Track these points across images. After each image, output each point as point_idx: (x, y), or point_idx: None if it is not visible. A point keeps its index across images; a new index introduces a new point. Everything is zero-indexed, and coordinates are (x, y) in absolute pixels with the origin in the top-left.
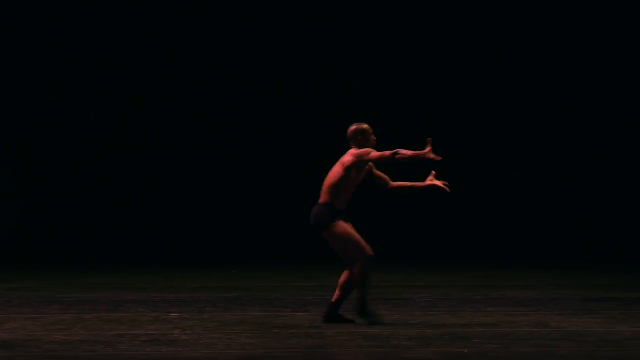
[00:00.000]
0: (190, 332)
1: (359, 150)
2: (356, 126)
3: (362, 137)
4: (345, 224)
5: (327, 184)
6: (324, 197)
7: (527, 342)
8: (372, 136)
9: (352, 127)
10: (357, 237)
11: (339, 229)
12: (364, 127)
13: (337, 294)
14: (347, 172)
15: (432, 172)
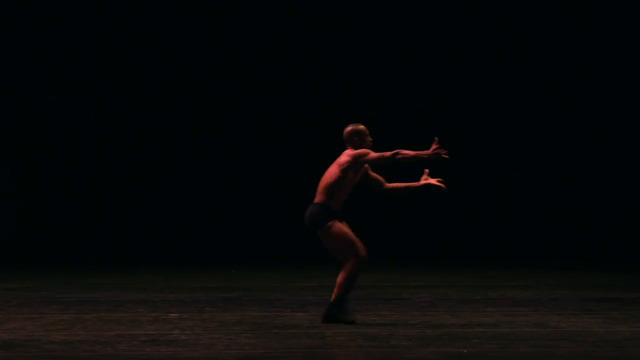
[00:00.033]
0: (189, 332)
1: (356, 150)
2: (352, 127)
3: (358, 138)
4: (341, 224)
5: (323, 184)
6: (319, 197)
7: (526, 342)
8: (368, 137)
9: (348, 128)
10: (353, 236)
11: (335, 228)
12: (360, 127)
13: (335, 293)
14: (343, 173)
15: (426, 171)
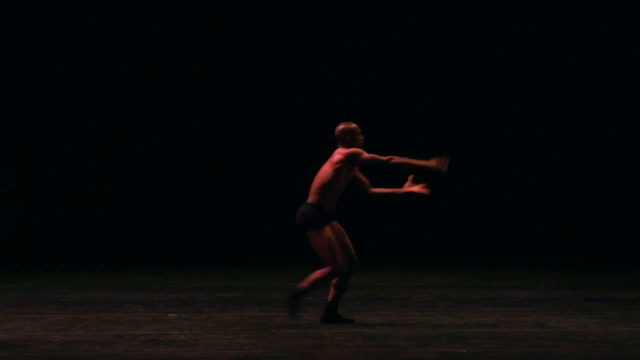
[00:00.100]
0: (188, 332)
1: (349, 149)
2: (344, 125)
3: (350, 137)
4: (331, 231)
5: (317, 184)
6: (313, 197)
7: (525, 342)
8: (360, 135)
9: (340, 127)
10: (338, 245)
11: (325, 235)
12: (351, 126)
13: (331, 293)
14: (337, 172)
15: (410, 177)
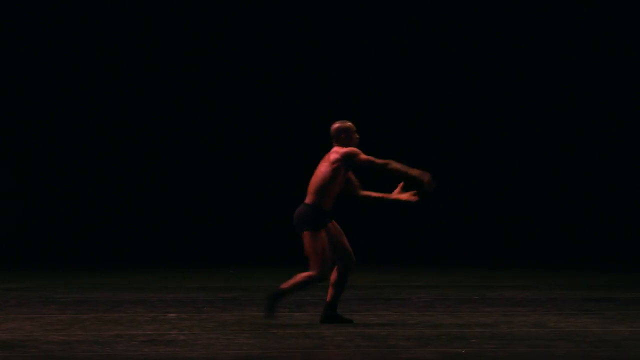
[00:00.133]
0: (188, 332)
1: (346, 149)
2: (339, 124)
3: (345, 135)
4: (326, 236)
5: (314, 184)
6: (310, 198)
7: (524, 342)
8: (355, 134)
9: (335, 125)
10: (327, 255)
11: (318, 239)
12: (347, 124)
13: (330, 293)
14: (335, 172)
15: (400, 184)
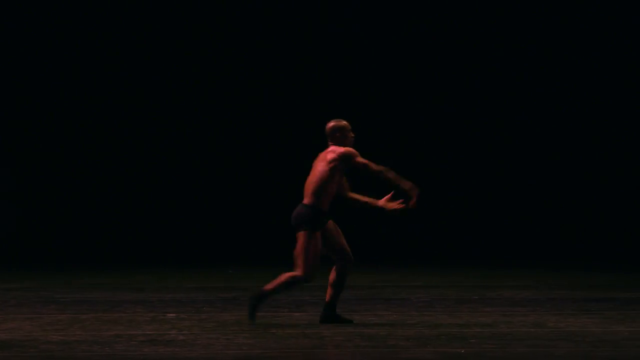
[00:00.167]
0: (187, 332)
1: (343, 149)
2: (334, 122)
3: (340, 134)
4: (320, 240)
5: (312, 185)
6: (309, 198)
7: (524, 342)
8: (350, 133)
9: (330, 124)
10: (316, 259)
11: (312, 241)
12: (342, 123)
13: (329, 293)
14: (332, 171)
15: (390, 193)
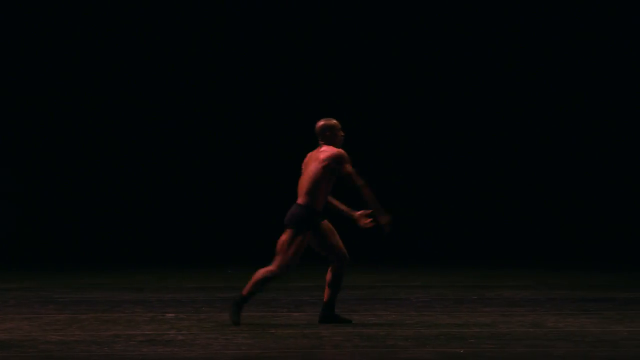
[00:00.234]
0: (186, 332)
1: (335, 152)
2: (324, 121)
3: (330, 133)
4: (305, 242)
5: (306, 184)
6: (303, 198)
7: (523, 342)
8: (340, 132)
9: (320, 123)
10: (296, 255)
11: (297, 241)
12: (332, 122)
13: (326, 293)
14: (325, 170)
15: (368, 212)
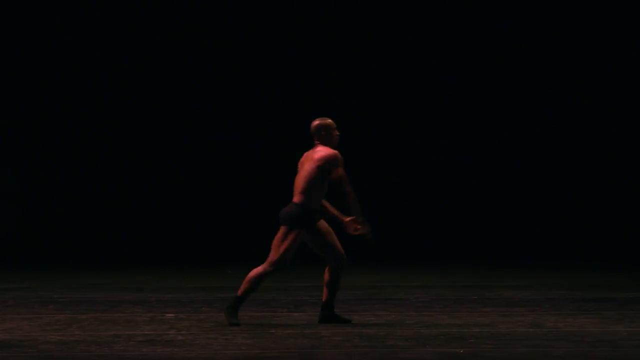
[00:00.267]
0: (186, 333)
1: (331, 153)
2: (319, 121)
3: (326, 132)
4: (297, 239)
5: (301, 183)
6: (298, 197)
7: (522, 342)
8: (335, 131)
9: (316, 122)
10: (289, 255)
11: (290, 238)
12: (327, 122)
13: (325, 293)
14: (320, 169)
15: (361, 219)
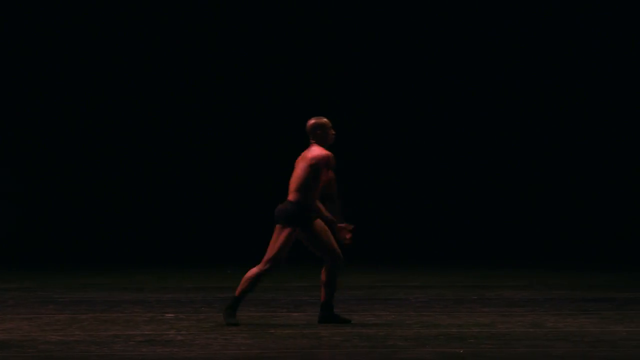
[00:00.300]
0: (185, 333)
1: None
2: (315, 120)
3: (321, 132)
4: (292, 237)
5: (296, 182)
6: (293, 195)
7: (522, 343)
8: (331, 130)
9: (311, 121)
10: (283, 254)
11: (285, 237)
12: (322, 121)
13: (323, 293)
14: (314, 168)
15: (352, 226)
